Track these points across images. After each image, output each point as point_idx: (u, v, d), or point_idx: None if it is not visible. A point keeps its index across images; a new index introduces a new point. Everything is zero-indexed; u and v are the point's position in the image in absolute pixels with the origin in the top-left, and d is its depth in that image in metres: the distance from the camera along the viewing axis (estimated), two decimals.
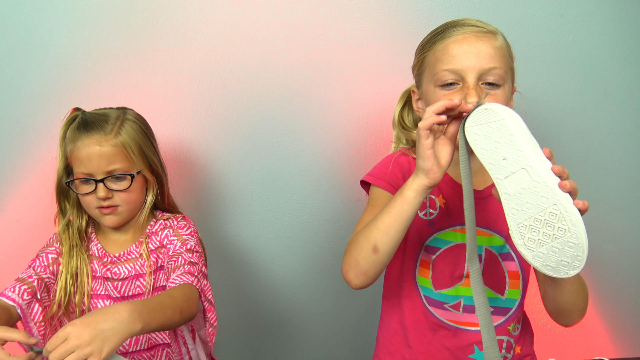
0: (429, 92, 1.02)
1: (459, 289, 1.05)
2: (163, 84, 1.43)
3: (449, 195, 1.06)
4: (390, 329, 1.14)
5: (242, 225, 1.52)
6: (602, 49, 1.50)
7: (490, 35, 0.97)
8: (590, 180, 1.53)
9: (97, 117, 1.12)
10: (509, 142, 0.83)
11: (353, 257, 0.97)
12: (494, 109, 0.84)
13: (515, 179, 0.82)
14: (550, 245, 0.81)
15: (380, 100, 1.47)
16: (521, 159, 0.82)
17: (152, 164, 1.17)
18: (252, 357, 1.60)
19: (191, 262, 1.09)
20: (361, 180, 1.12)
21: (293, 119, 1.47)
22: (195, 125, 1.45)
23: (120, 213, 1.13)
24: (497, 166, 0.84)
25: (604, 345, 1.63)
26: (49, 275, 1.12)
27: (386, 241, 0.93)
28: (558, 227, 0.80)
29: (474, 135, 0.85)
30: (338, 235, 1.53)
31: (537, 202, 0.81)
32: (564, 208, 0.79)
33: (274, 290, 1.57)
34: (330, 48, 1.44)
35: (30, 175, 1.43)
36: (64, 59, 1.40)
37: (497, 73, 0.96)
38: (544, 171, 0.81)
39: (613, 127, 1.53)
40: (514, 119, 0.84)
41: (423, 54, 1.03)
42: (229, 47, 1.43)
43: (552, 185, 0.80)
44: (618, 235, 1.58)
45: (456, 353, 1.06)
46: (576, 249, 0.80)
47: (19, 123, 1.41)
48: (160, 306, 0.94)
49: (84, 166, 1.09)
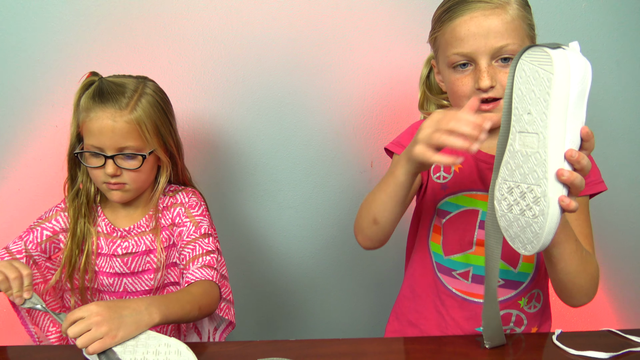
0: (444, 72, 1.01)
1: (468, 256, 1.04)
2: (165, 50, 1.40)
3: (466, 161, 1.04)
4: (401, 294, 1.15)
5: (246, 196, 1.51)
6: (615, 17, 1.46)
7: (500, 9, 0.93)
8: (601, 150, 1.50)
9: (113, 86, 1.05)
10: (542, 100, 0.75)
11: (359, 223, 1.01)
12: (551, 57, 0.75)
13: (525, 139, 0.78)
14: (517, 216, 0.80)
15: (386, 68, 1.44)
16: (541, 124, 0.75)
17: (167, 144, 1.11)
18: (260, 328, 1.61)
19: (208, 250, 1.08)
20: (385, 147, 1.11)
21: (298, 87, 1.44)
22: (198, 94, 1.43)
23: (127, 190, 1.09)
24: (519, 116, 0.78)
25: (607, 317, 1.63)
26: (39, 253, 1.09)
27: (385, 215, 0.95)
28: (531, 208, 0.78)
29: (521, 72, 0.78)
30: (343, 206, 1.52)
31: (528, 174, 0.78)
32: (544, 195, 0.76)
33: (279, 262, 1.56)
34: (336, 14, 1.41)
35: (32, 143, 1.42)
36: (64, 25, 1.37)
37: (511, 49, 0.93)
38: (553, 149, 0.75)
39: (626, 98, 1.50)
40: (565, 79, 0.75)
41: (435, 33, 1.00)
42: (232, 13, 1.39)
43: (550, 167, 0.75)
44: (626, 208, 1.57)
45: (463, 324, 1.05)
46: (534, 236, 0.78)
47: (19, 90, 1.39)
48: (179, 301, 0.95)
49: (95, 139, 1.04)
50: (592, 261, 0.95)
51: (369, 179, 1.50)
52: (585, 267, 0.92)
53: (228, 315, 1.14)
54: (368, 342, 0.97)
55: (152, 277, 1.12)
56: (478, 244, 1.02)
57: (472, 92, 0.95)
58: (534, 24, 0.99)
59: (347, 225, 1.52)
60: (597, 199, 1.02)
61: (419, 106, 1.14)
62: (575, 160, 0.75)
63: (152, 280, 1.12)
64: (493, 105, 0.95)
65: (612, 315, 1.64)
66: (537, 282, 1.06)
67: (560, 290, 0.96)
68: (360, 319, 1.62)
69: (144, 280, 1.12)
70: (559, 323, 1.16)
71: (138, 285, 1.13)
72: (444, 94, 1.09)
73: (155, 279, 1.12)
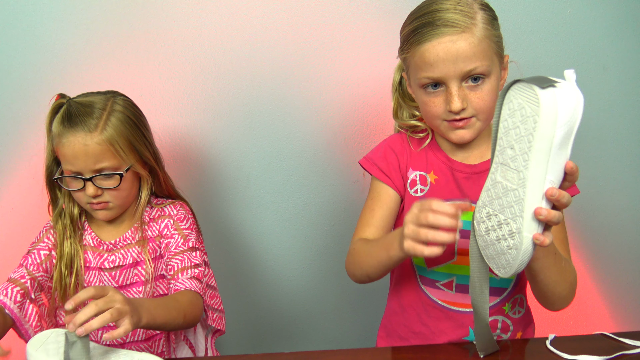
0: (415, 91, 1.02)
1: (451, 266, 1.04)
2: (156, 67, 1.41)
3: (441, 171, 1.05)
4: (389, 309, 1.16)
5: (240, 208, 1.51)
6: (602, 23, 1.47)
7: (467, 32, 0.93)
8: (589, 155, 1.52)
9: (81, 108, 1.05)
10: (526, 140, 0.74)
11: (351, 269, 1.05)
12: (538, 97, 0.72)
13: (506, 172, 0.78)
14: (494, 241, 0.81)
15: (376, 79, 1.45)
16: (523, 163, 0.75)
17: (144, 158, 1.11)
18: (253, 340, 1.61)
19: (196, 264, 1.09)
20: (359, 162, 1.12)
21: (288, 99, 1.45)
22: (190, 108, 1.44)
23: (111, 209, 1.09)
24: (503, 148, 0.78)
25: (603, 320, 1.63)
26: (42, 273, 1.09)
27: (377, 274, 1.00)
28: (506, 239, 0.79)
29: (509, 103, 0.77)
30: (336, 217, 1.53)
31: (506, 207, 0.78)
32: (519, 232, 0.77)
33: (273, 273, 1.56)
34: (325, 27, 1.42)
35: (24, 162, 1.42)
36: (55, 44, 1.37)
37: (480, 70, 0.94)
38: (532, 190, 0.75)
39: (612, 103, 1.52)
40: (551, 122, 0.72)
41: (403, 53, 1.01)
42: (221, 27, 1.41)
43: (527, 208, 0.75)
44: (618, 211, 1.58)
45: (450, 335, 1.06)
46: (507, 264, 0.80)
47: (10, 109, 1.40)
48: (166, 306, 0.96)
49: (70, 164, 1.04)
50: (571, 269, 0.97)
51: (362, 189, 1.51)
52: (564, 276, 0.94)
53: (220, 325, 1.15)
54: (362, 352, 0.98)
55: (141, 289, 1.12)
56: (460, 253, 1.03)
57: (444, 113, 0.97)
58: (501, 38, 0.99)
59: (341, 235, 1.53)
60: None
61: (393, 114, 1.14)
62: (556, 200, 0.76)
63: (140, 293, 1.12)
64: (466, 122, 0.97)
65: (608, 319, 1.64)
66: (520, 287, 1.07)
67: (539, 297, 0.99)
68: (355, 328, 1.62)
69: (133, 293, 1.12)
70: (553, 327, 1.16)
71: None
72: (416, 103, 1.10)
73: (145, 291, 1.12)
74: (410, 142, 1.09)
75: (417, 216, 0.83)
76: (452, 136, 1.00)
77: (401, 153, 1.08)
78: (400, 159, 1.08)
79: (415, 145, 1.09)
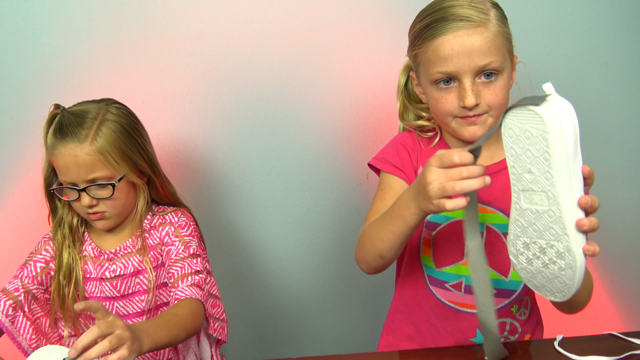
0: (426, 88, 1.01)
1: (460, 267, 1.03)
2: (157, 73, 1.41)
3: None
4: (394, 308, 1.15)
5: (244, 212, 1.51)
6: (602, 20, 1.47)
7: (482, 27, 0.93)
8: (592, 152, 1.51)
9: (73, 118, 1.05)
10: (542, 160, 0.74)
11: (362, 255, 1.01)
12: (541, 116, 0.73)
13: (532, 197, 0.77)
14: (540, 269, 0.79)
15: (378, 81, 1.44)
16: (547, 182, 0.74)
17: (139, 166, 1.10)
18: (258, 346, 1.60)
19: (197, 270, 1.08)
20: (369, 163, 1.11)
21: (290, 103, 1.45)
22: (192, 114, 1.44)
23: (109, 218, 1.09)
24: (519, 175, 0.77)
25: (611, 320, 1.62)
26: (37, 286, 1.08)
27: (392, 251, 0.95)
28: (555, 262, 0.77)
29: (509, 132, 0.77)
30: (340, 220, 1.52)
31: (544, 230, 0.76)
32: (569, 250, 0.75)
33: (278, 278, 1.56)
34: (325, 30, 1.42)
35: (28, 171, 1.42)
36: (55, 52, 1.38)
37: (494, 66, 0.94)
38: (566, 204, 0.74)
39: (614, 100, 1.51)
40: (561, 135, 0.73)
41: (414, 49, 1.01)
42: (222, 32, 1.41)
43: (568, 223, 0.74)
44: (623, 209, 1.57)
45: (457, 336, 1.05)
46: (564, 286, 0.78)
47: (12, 118, 1.40)
48: (167, 325, 0.94)
49: (64, 175, 1.05)
50: (590, 276, 0.96)
51: (365, 191, 1.51)
52: (587, 282, 0.92)
53: (221, 335, 1.14)
54: (369, 356, 0.97)
55: (143, 298, 1.11)
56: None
57: (456, 110, 0.97)
58: (511, 36, 1.00)
59: (345, 238, 1.52)
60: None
61: (399, 116, 1.14)
62: (590, 206, 0.76)
63: (143, 302, 1.11)
64: (478, 118, 0.96)
65: (617, 318, 1.63)
66: (528, 289, 1.06)
67: (560, 305, 0.97)
68: (362, 332, 1.61)
69: (135, 302, 1.12)
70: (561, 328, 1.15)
71: (129, 307, 1.12)
72: (423, 105, 1.09)
73: (147, 300, 1.11)
74: (420, 140, 1.09)
75: (441, 172, 0.79)
76: (464, 133, 0.98)
77: (413, 150, 1.08)
78: (412, 155, 1.07)
79: (425, 143, 1.09)
